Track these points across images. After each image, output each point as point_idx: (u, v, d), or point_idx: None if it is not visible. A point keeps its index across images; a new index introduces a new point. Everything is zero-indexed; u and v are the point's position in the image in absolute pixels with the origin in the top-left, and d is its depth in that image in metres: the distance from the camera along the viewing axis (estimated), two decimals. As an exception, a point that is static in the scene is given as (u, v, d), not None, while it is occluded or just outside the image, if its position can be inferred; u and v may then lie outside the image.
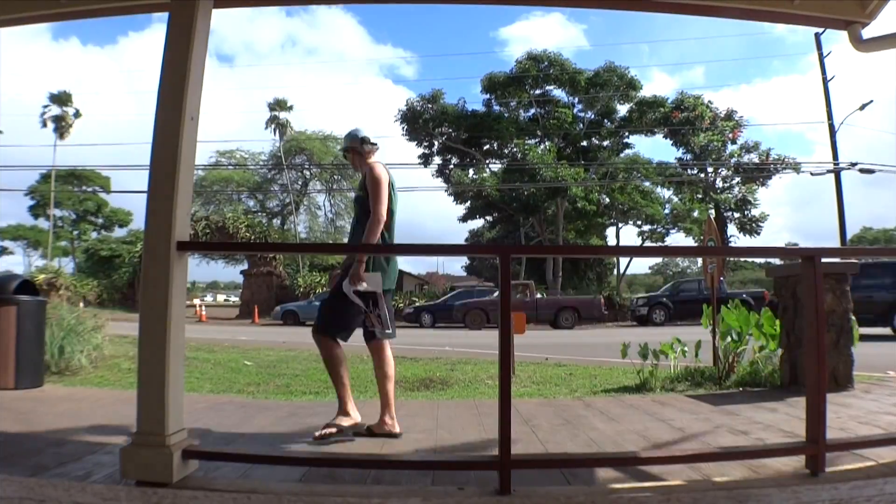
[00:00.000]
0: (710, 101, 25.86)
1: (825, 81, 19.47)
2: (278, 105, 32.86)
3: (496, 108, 27.24)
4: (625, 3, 2.63)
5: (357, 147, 2.98)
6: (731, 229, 25.74)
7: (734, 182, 25.96)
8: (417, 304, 19.30)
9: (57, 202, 35.92)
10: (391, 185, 2.87)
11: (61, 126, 33.23)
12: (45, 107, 33.32)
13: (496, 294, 17.12)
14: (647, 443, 2.71)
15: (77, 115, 33.66)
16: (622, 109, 27.05)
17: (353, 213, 3.07)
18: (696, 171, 26.27)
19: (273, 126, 32.74)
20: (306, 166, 35.56)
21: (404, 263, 37.11)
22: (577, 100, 26.96)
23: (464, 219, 29.10)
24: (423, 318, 17.99)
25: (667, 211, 29.12)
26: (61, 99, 33.54)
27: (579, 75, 26.00)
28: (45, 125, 33.20)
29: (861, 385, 4.13)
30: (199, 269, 47.11)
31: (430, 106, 26.88)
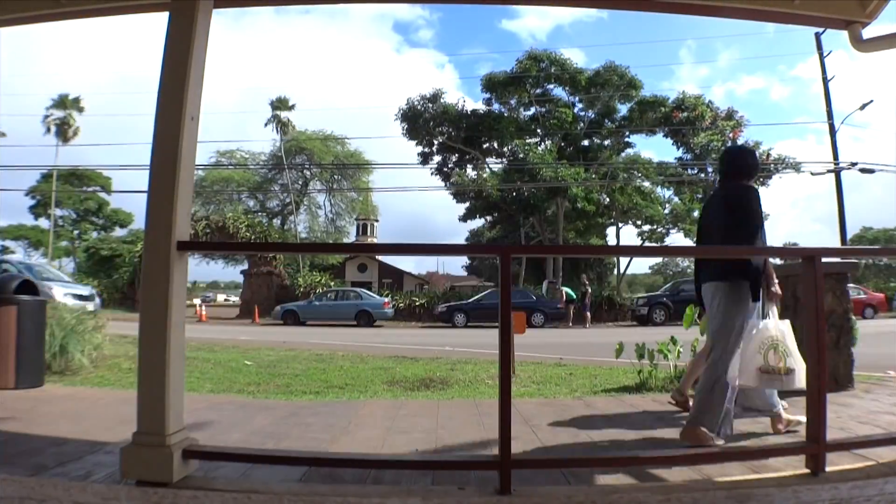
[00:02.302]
0: (710, 101, 25.87)
1: (825, 81, 19.46)
2: (280, 104, 32.78)
3: (496, 107, 27.25)
4: (625, 3, 2.63)
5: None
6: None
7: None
8: (451, 303, 19.09)
9: (58, 202, 35.89)
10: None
11: (64, 130, 33.15)
12: (48, 109, 33.27)
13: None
14: (647, 443, 2.71)
15: (74, 125, 33.55)
16: (622, 109, 27.06)
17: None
18: (696, 171, 26.25)
19: (275, 124, 32.61)
20: (306, 166, 35.55)
21: (405, 263, 37.20)
22: (577, 99, 26.95)
23: (464, 218, 29.13)
24: (456, 317, 17.57)
25: (667, 211, 29.09)
26: (63, 103, 33.47)
27: (580, 75, 26.00)
28: (48, 130, 33.15)
29: (861, 385, 4.13)
30: (199, 269, 47.06)
31: (430, 105, 26.88)
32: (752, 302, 2.61)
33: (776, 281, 2.84)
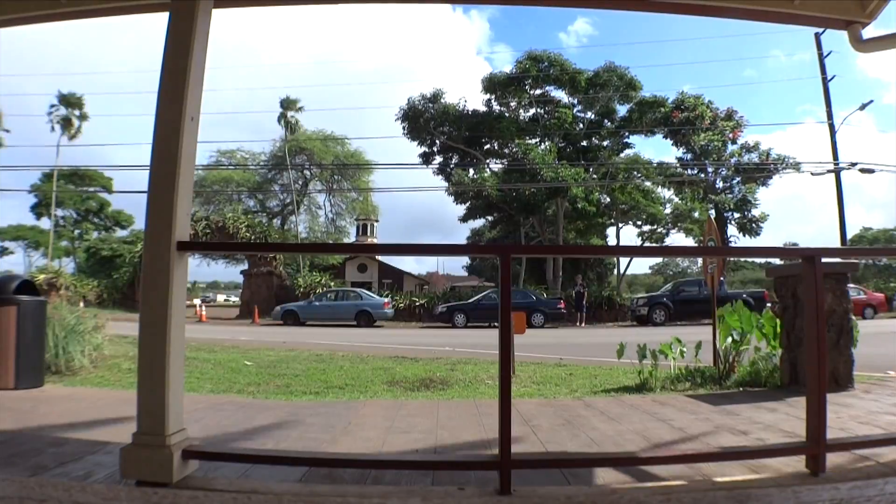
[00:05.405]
0: (710, 101, 25.87)
1: (825, 81, 19.47)
2: (289, 104, 32.63)
3: (497, 107, 27.25)
4: (625, 3, 2.63)
5: None
6: (731, 229, 25.74)
7: (734, 182, 25.96)
8: (451, 303, 19.19)
9: (59, 202, 35.85)
10: None
11: (68, 128, 33.05)
12: (53, 106, 33.13)
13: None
14: (647, 443, 2.71)
15: (83, 117, 33.40)
16: (622, 110, 27.09)
17: None
18: (696, 172, 26.27)
19: (284, 122, 32.47)
20: (306, 166, 35.54)
21: (405, 263, 37.18)
22: (577, 100, 26.97)
23: (464, 218, 29.13)
24: (456, 318, 17.66)
25: (667, 211, 29.11)
26: (69, 100, 33.39)
27: (579, 75, 26.04)
28: (53, 128, 33.01)
29: (861, 385, 4.13)
30: (199, 269, 47.04)
31: (430, 105, 26.90)
32: None
33: None
